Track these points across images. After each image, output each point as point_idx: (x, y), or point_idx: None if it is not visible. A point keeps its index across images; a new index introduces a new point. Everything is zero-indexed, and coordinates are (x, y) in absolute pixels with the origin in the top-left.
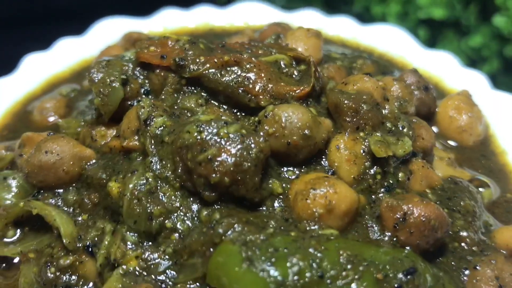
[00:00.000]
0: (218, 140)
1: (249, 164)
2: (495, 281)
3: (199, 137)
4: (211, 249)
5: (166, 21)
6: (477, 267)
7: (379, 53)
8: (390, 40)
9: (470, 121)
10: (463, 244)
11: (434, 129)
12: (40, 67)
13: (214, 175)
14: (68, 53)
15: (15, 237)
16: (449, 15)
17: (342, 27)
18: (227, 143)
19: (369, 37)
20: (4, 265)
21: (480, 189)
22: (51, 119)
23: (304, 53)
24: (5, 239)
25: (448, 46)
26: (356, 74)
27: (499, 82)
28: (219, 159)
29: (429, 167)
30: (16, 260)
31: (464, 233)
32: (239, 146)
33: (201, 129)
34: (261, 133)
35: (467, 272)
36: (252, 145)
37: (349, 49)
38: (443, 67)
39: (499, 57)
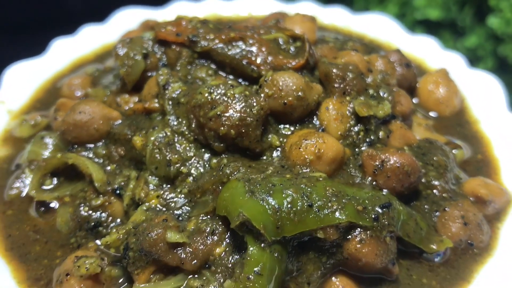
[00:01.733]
0: (226, 99)
1: (251, 119)
2: (461, 219)
3: (209, 97)
4: (220, 187)
5: (178, 11)
6: (446, 209)
7: (369, 39)
8: (379, 27)
9: (447, 94)
10: (435, 191)
11: (415, 101)
12: (67, 50)
13: (222, 128)
14: (91, 38)
15: (51, 186)
16: (445, 16)
17: (336, 16)
18: (233, 102)
19: (360, 25)
20: (43, 208)
21: (454, 151)
22: (78, 93)
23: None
24: (44, 187)
25: (444, 46)
26: None
27: None
28: (226, 114)
29: (407, 128)
30: (53, 204)
31: (436, 182)
32: (243, 104)
33: (211, 90)
34: (262, 95)
35: (437, 213)
36: (254, 104)
37: (342, 35)
38: (425, 50)
39: (493, 57)
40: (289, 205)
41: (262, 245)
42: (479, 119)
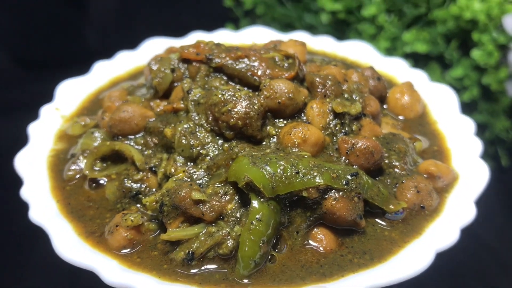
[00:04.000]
0: (234, 98)
1: (253, 113)
2: (414, 188)
3: (222, 97)
4: (230, 162)
5: (195, 40)
6: (403, 181)
7: (351, 61)
8: (359, 51)
9: (410, 101)
10: (396, 169)
11: (385, 107)
12: (106, 71)
13: (232, 120)
14: (125, 62)
15: (101, 168)
16: (432, 50)
17: (324, 43)
18: (240, 100)
19: (344, 50)
20: (94, 185)
21: (415, 143)
22: (117, 103)
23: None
24: (95, 168)
25: (432, 77)
26: None
27: (479, 108)
28: (235, 110)
29: (375, 124)
30: (102, 181)
31: (397, 163)
32: (247, 102)
33: (224, 93)
34: (261, 96)
35: (397, 185)
36: (256, 102)
37: (328, 58)
38: (396, 69)
39: (478, 86)
40: (281, 172)
41: (262, 200)
42: (437, 120)
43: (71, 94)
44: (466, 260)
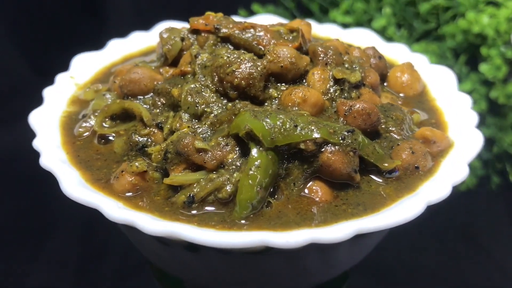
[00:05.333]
0: (239, 60)
1: (256, 73)
2: (409, 149)
3: (228, 59)
4: (233, 117)
5: None
6: (399, 143)
7: (356, 46)
8: (363, 37)
9: (410, 79)
10: (392, 134)
11: (386, 84)
12: (120, 48)
13: (236, 80)
14: (139, 41)
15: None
16: (440, 63)
17: (330, 30)
18: (244, 62)
19: (349, 36)
20: (103, 141)
21: (413, 116)
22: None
23: None
24: (104, 125)
25: None
26: None
27: (487, 122)
28: (239, 70)
29: (374, 93)
30: (111, 138)
31: (393, 128)
32: (251, 64)
33: (229, 55)
34: (265, 60)
35: (393, 148)
36: (259, 64)
37: None
38: (398, 53)
39: (486, 100)
40: (280, 124)
41: (261, 149)
42: (435, 98)
43: (85, 65)
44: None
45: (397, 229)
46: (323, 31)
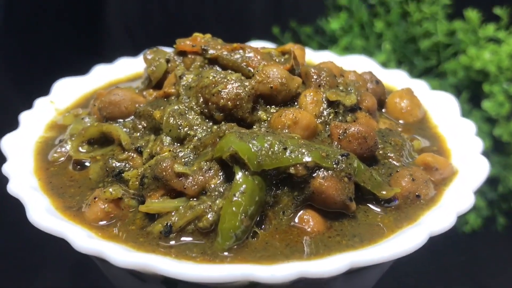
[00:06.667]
0: (226, 80)
1: (244, 94)
2: (409, 176)
3: (213, 79)
4: (218, 140)
5: None
6: (398, 170)
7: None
8: (360, 64)
9: (410, 105)
10: (391, 160)
11: (384, 110)
12: (105, 74)
13: (222, 100)
14: (126, 66)
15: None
16: None
17: (325, 57)
18: (231, 82)
19: (346, 63)
20: (79, 167)
21: (413, 142)
22: None
23: None
24: (81, 150)
25: None
26: None
27: (491, 161)
28: (225, 90)
29: (371, 118)
30: (87, 163)
31: (392, 154)
32: (238, 84)
33: (215, 75)
34: (253, 80)
35: (392, 175)
36: (247, 84)
37: None
38: (397, 79)
39: (490, 137)
40: (268, 146)
41: (246, 173)
42: (437, 125)
43: (67, 90)
44: None
45: (399, 269)
46: (319, 58)
